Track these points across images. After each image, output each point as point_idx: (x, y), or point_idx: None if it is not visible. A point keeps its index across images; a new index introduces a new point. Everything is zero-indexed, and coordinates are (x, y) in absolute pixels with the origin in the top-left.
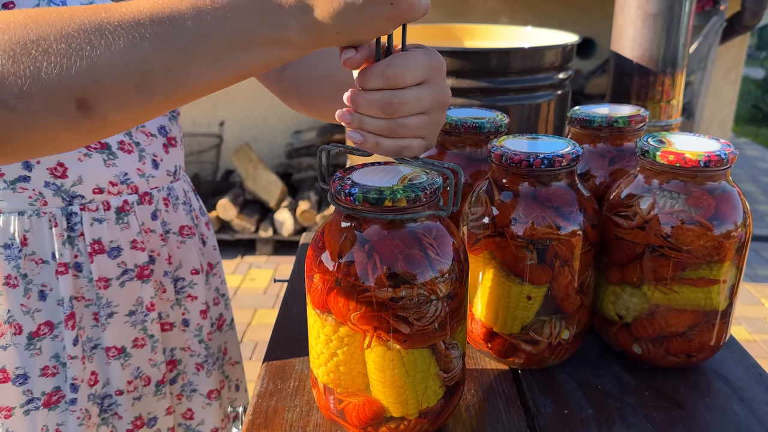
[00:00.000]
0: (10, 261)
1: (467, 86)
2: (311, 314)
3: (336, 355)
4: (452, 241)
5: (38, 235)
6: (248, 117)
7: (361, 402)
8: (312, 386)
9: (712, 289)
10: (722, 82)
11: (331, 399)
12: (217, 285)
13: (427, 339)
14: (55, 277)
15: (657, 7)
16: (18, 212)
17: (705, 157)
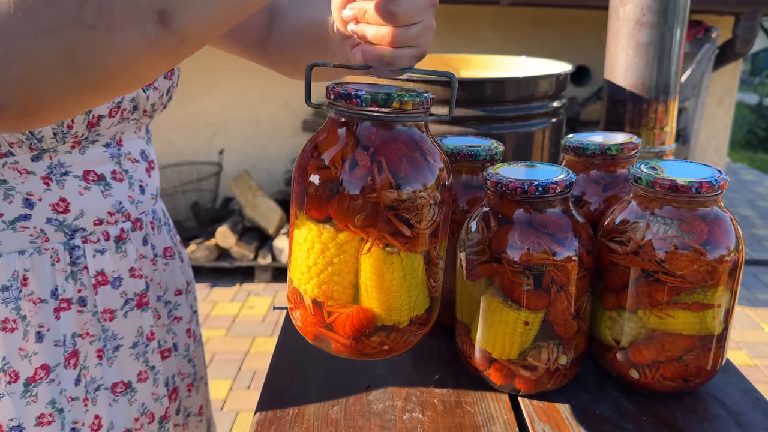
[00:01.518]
0: (8, 303)
1: (463, 115)
2: (304, 226)
3: (332, 264)
4: (439, 151)
5: (39, 273)
6: (247, 145)
7: (353, 312)
8: (293, 309)
9: (706, 313)
10: (716, 108)
11: (321, 313)
12: (191, 302)
13: (424, 244)
14: (53, 316)
15: (648, 36)
16: (18, 251)
17: (696, 183)
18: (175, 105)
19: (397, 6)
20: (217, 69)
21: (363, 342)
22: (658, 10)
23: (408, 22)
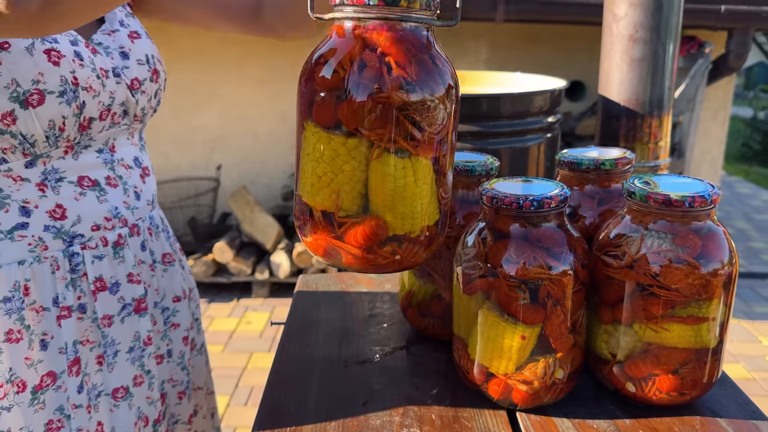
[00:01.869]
0: (11, 315)
1: (459, 130)
2: (312, 136)
3: (342, 171)
4: (446, 57)
5: (40, 282)
6: (245, 161)
7: (364, 221)
8: (302, 226)
9: (701, 326)
10: (711, 122)
11: (331, 225)
12: (193, 309)
13: (434, 149)
14: (56, 324)
15: (642, 52)
16: (18, 262)
17: (689, 198)
18: (173, 120)
19: None
20: (215, 84)
21: (375, 252)
22: (651, 27)
23: None
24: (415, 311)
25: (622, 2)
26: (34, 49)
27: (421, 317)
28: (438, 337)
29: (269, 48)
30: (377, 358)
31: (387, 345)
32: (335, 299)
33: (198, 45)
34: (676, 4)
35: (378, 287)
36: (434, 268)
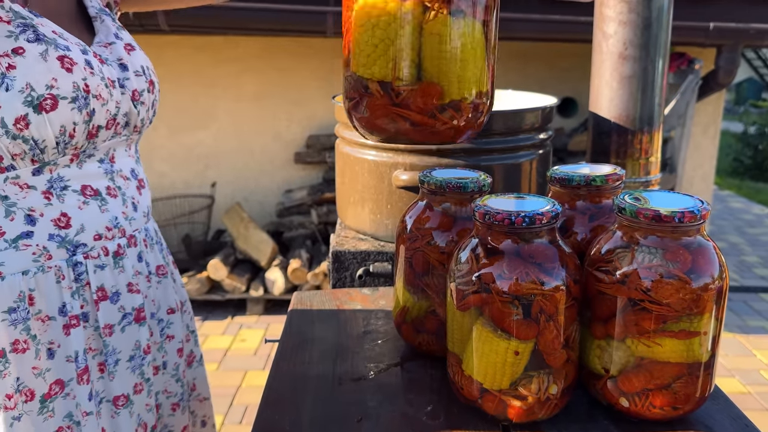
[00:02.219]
0: (16, 325)
1: (452, 147)
2: (367, 4)
3: (398, 37)
4: None
5: (45, 292)
6: (240, 177)
7: (422, 88)
8: (356, 105)
9: (693, 341)
10: (702, 138)
11: (390, 95)
12: (188, 321)
13: (485, 12)
14: (62, 333)
15: (631, 69)
16: (22, 272)
17: (679, 213)
18: (169, 138)
19: None
20: (211, 102)
21: (435, 117)
22: (640, 44)
23: None
24: (410, 327)
25: (612, 20)
26: (48, 55)
27: (415, 333)
28: (432, 354)
29: (265, 65)
30: (372, 375)
31: (381, 362)
32: (330, 316)
33: (194, 63)
34: (665, 22)
35: (372, 304)
36: (428, 284)
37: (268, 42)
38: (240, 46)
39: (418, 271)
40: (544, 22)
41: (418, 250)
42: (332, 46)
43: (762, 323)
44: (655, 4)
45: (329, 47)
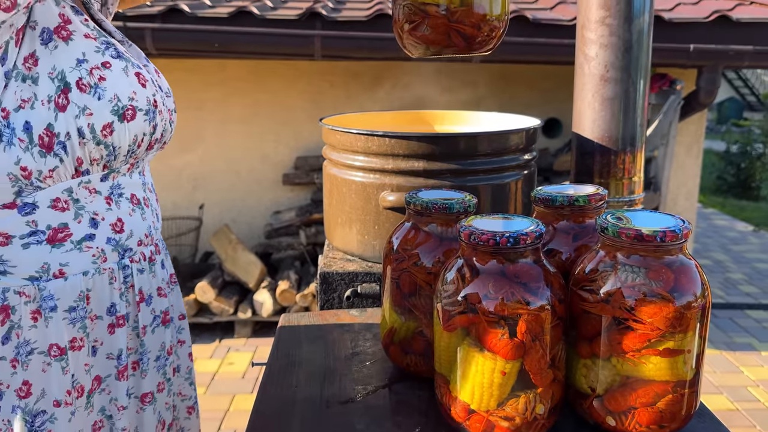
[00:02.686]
0: (75, 323)
1: (438, 168)
2: None
3: None
4: None
5: (99, 292)
6: (227, 199)
7: (468, 7)
8: (417, 26)
9: (677, 359)
10: (685, 157)
11: (446, 14)
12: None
13: None
14: (107, 332)
15: (613, 91)
16: (83, 272)
17: (661, 232)
18: (156, 159)
19: None
20: (199, 124)
21: (480, 29)
22: (621, 66)
23: None
24: (397, 349)
25: (593, 43)
26: (128, 71)
27: (403, 355)
28: (420, 375)
29: (253, 88)
30: (359, 397)
31: (369, 384)
32: (318, 338)
33: (182, 86)
34: (645, 45)
35: (360, 325)
36: (415, 304)
37: (256, 65)
38: (228, 69)
39: (405, 292)
40: (528, 44)
41: (405, 270)
42: (319, 69)
43: (749, 339)
44: (636, 27)
45: (317, 70)
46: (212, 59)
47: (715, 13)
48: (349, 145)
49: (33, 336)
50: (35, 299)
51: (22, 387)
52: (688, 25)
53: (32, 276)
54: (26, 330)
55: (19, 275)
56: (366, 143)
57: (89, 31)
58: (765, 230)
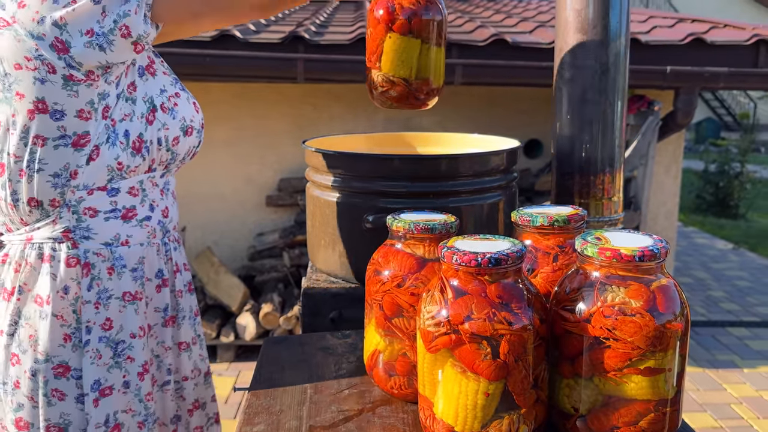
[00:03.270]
0: (137, 280)
1: (421, 190)
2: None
3: (412, 56)
4: None
5: (150, 260)
6: (210, 222)
7: (421, 80)
8: (392, 87)
9: (658, 377)
10: (664, 176)
11: (407, 85)
12: None
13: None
14: (155, 290)
15: (591, 113)
16: (140, 243)
17: (639, 252)
18: None
19: None
20: None
21: (428, 94)
22: (599, 89)
23: None
24: (381, 371)
25: (571, 66)
26: (190, 100)
27: (387, 378)
28: (404, 398)
29: (236, 111)
30: (343, 422)
31: (353, 408)
32: (301, 362)
33: None
34: (622, 67)
35: (343, 348)
36: (399, 326)
37: (239, 88)
38: (212, 92)
39: (388, 314)
40: (508, 67)
41: (388, 292)
42: (302, 92)
43: (731, 357)
44: (612, 51)
45: (300, 93)
46: (196, 82)
47: (690, 36)
48: (331, 167)
49: (110, 285)
50: (109, 259)
51: (105, 322)
52: (664, 47)
53: (107, 242)
54: (105, 281)
55: (98, 241)
56: (348, 165)
57: (165, 69)
58: (744, 248)
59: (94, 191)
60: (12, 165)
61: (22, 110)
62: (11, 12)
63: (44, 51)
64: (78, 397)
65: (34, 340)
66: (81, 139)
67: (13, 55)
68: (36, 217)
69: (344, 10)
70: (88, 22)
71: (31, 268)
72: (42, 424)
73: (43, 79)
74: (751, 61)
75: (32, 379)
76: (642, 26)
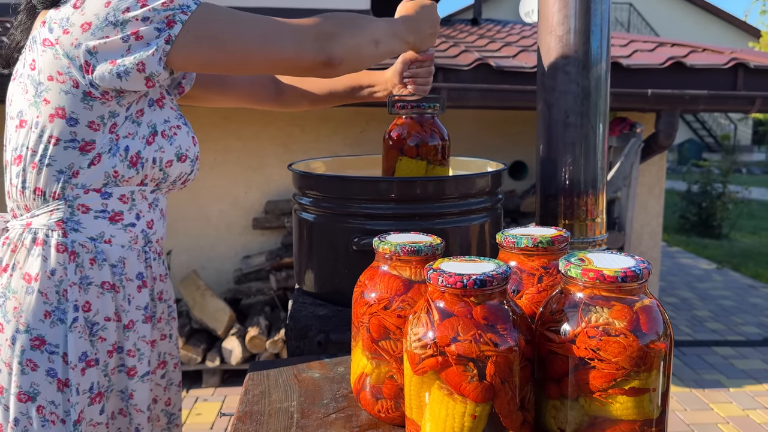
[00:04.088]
0: (115, 275)
1: (407, 211)
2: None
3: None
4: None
5: (131, 262)
6: (196, 245)
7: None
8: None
9: (643, 398)
10: (648, 197)
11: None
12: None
13: None
14: (136, 290)
15: (574, 136)
16: (121, 245)
17: (621, 273)
18: None
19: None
20: None
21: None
22: (581, 112)
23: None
24: (368, 395)
25: (553, 90)
26: (189, 133)
27: (374, 401)
28: (392, 422)
29: (221, 133)
30: None
31: None
32: (287, 386)
33: None
34: (603, 91)
35: (331, 372)
36: (385, 348)
37: (227, 110)
38: (200, 114)
39: (375, 336)
40: (492, 91)
41: (375, 314)
42: (290, 114)
43: (717, 377)
44: (593, 75)
45: (287, 115)
46: (182, 104)
47: (670, 60)
48: (318, 190)
49: (91, 274)
50: (92, 251)
51: (85, 305)
52: (645, 71)
53: (92, 237)
54: (87, 270)
55: (84, 234)
56: (335, 187)
57: (173, 105)
58: (728, 267)
59: (90, 191)
60: (28, 157)
61: (45, 113)
62: (56, 35)
63: (74, 69)
64: (48, 371)
65: (18, 312)
66: (87, 145)
67: (49, 69)
68: (38, 204)
69: None
70: (113, 55)
71: (25, 249)
72: (14, 390)
73: (67, 91)
74: (730, 84)
75: (11, 348)
76: (623, 50)
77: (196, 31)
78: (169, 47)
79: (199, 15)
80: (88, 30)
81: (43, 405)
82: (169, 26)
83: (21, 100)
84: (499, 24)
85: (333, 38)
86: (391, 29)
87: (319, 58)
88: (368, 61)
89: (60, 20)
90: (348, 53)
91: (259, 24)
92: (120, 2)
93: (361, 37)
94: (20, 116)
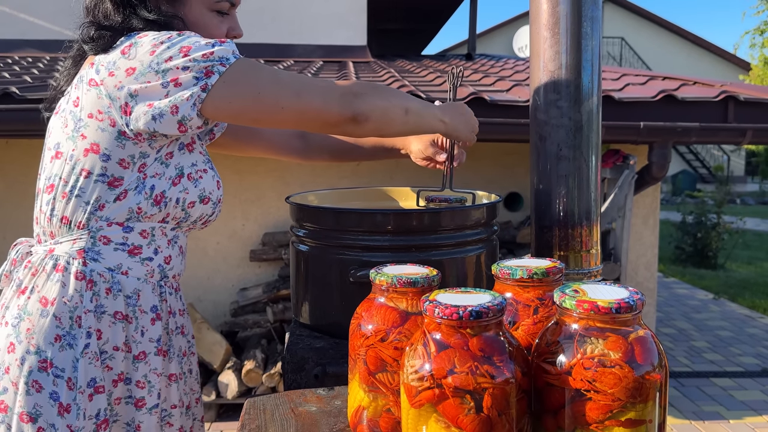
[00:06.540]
0: (129, 306)
1: (404, 244)
2: None
3: None
4: None
5: (146, 294)
6: (192, 278)
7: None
8: None
9: (639, 429)
10: (642, 228)
11: None
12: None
13: None
14: (150, 323)
15: (567, 168)
16: (137, 278)
17: (615, 304)
18: None
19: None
20: None
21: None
22: (573, 145)
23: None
24: (366, 429)
25: (546, 124)
26: (215, 177)
27: None
28: None
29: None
30: None
31: None
32: (284, 420)
33: None
34: (595, 125)
35: (328, 405)
36: (383, 381)
37: None
38: None
39: (372, 369)
40: (486, 124)
41: (372, 347)
42: None
43: (716, 408)
44: (585, 109)
45: None
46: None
47: (661, 93)
48: (315, 222)
49: (105, 303)
50: (108, 281)
51: (97, 332)
52: (637, 104)
53: (110, 267)
54: (102, 298)
55: (103, 264)
56: (332, 220)
57: (202, 150)
58: (724, 298)
59: (113, 224)
60: (60, 187)
61: (80, 148)
62: (102, 77)
63: (113, 109)
64: (52, 394)
65: (30, 333)
66: (116, 181)
67: (91, 107)
68: (63, 232)
69: (327, 69)
70: (151, 98)
71: (45, 274)
72: (17, 410)
73: (104, 129)
74: (721, 117)
75: (20, 368)
76: (615, 84)
77: (232, 82)
78: (205, 95)
79: (237, 67)
80: (132, 74)
81: (43, 427)
82: (207, 76)
83: (60, 133)
84: (493, 59)
85: (360, 96)
86: (423, 103)
87: (345, 113)
88: (396, 125)
89: (107, 63)
90: (374, 112)
91: (292, 79)
92: (164, 52)
93: (390, 101)
94: (57, 148)
